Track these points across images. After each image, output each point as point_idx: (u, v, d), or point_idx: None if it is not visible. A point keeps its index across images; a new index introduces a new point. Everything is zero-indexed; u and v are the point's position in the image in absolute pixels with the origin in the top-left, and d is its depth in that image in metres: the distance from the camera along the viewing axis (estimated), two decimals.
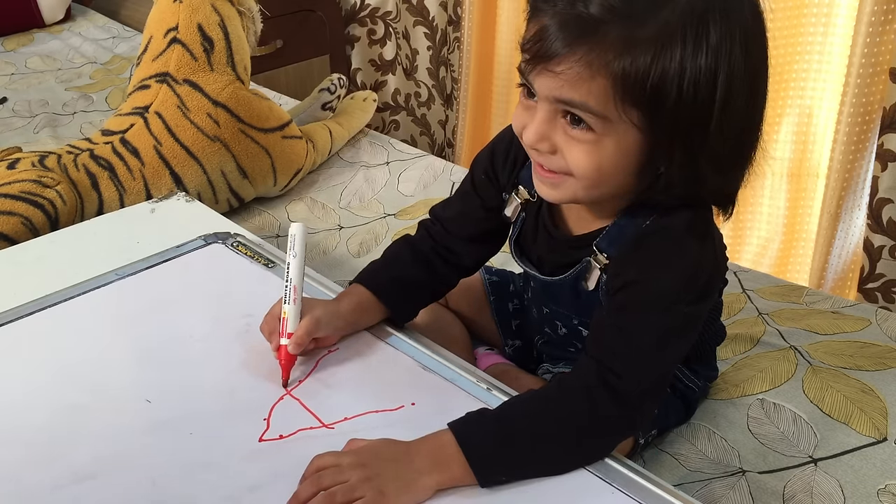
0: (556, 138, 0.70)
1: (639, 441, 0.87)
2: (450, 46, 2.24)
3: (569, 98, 0.67)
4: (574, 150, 0.70)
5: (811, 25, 1.64)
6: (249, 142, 1.41)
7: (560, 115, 0.70)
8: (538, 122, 0.71)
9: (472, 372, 0.80)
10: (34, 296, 0.90)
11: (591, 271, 0.78)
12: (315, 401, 0.76)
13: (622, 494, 0.67)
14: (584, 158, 0.69)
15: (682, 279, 0.73)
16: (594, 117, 0.67)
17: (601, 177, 0.71)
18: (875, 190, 1.56)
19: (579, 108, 0.68)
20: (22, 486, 0.68)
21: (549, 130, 0.70)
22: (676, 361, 0.79)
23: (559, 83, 0.67)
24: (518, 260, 0.88)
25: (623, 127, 0.68)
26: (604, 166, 0.70)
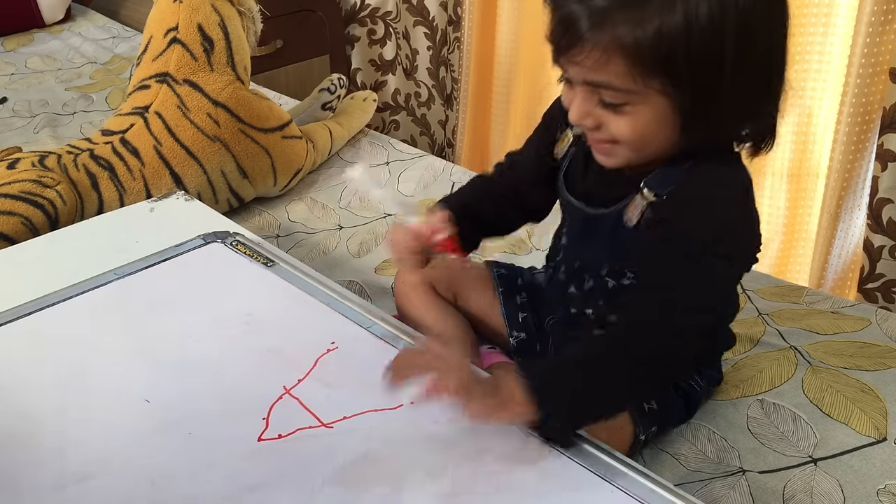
0: (596, 113, 0.77)
1: (639, 437, 0.87)
2: (450, 46, 2.24)
3: (594, 80, 0.74)
4: (613, 123, 0.77)
5: (811, 25, 1.64)
6: (249, 142, 1.41)
7: (595, 94, 0.76)
8: (578, 103, 0.78)
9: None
10: (34, 295, 0.90)
11: (635, 206, 0.83)
12: (314, 400, 0.76)
13: (622, 493, 0.67)
14: (624, 128, 0.76)
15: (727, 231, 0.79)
16: (622, 93, 0.74)
17: (645, 140, 0.77)
18: (875, 190, 1.56)
19: (605, 88, 0.74)
20: (22, 486, 0.68)
21: (590, 108, 0.77)
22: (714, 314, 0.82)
23: (582, 69, 0.74)
24: (565, 195, 0.91)
25: (650, 95, 0.74)
26: (644, 132, 0.76)
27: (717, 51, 0.72)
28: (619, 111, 0.75)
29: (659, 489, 0.67)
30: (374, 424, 0.74)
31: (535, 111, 2.08)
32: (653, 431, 0.89)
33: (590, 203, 0.88)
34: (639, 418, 0.87)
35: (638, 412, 0.87)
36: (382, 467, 0.69)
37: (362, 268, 1.29)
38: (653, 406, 0.88)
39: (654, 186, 0.81)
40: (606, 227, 0.86)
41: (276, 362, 0.80)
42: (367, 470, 0.69)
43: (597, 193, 0.87)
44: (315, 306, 0.89)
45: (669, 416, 0.91)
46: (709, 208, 0.79)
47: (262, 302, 0.89)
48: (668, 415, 0.91)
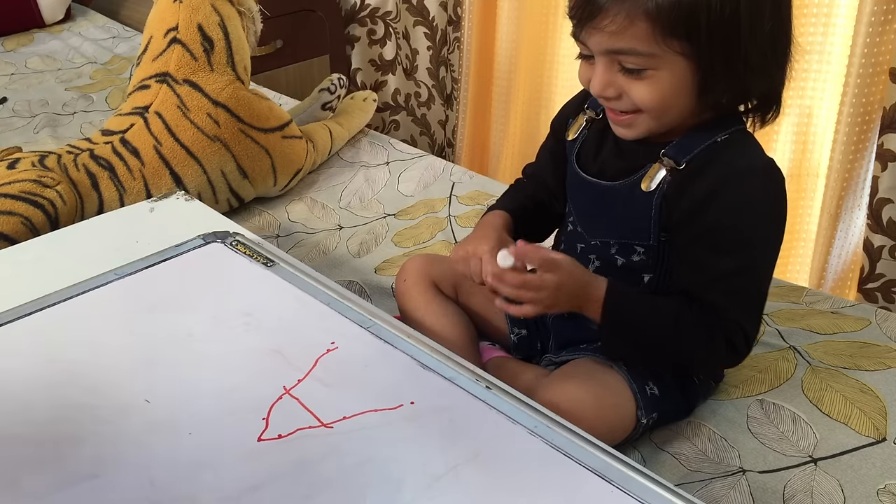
0: (618, 82, 0.81)
1: (641, 421, 0.88)
2: (450, 46, 2.24)
3: (617, 47, 0.78)
4: (636, 89, 0.80)
5: (811, 25, 1.64)
6: (249, 142, 1.41)
7: (616, 63, 0.80)
8: (599, 74, 0.81)
9: (472, 371, 0.80)
10: (34, 296, 0.90)
11: (653, 174, 0.86)
12: (314, 400, 0.76)
13: (622, 493, 0.67)
14: (646, 94, 0.80)
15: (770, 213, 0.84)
16: (643, 58, 0.78)
17: (666, 105, 0.81)
18: (875, 190, 1.56)
19: (628, 54, 0.78)
20: (21, 486, 0.68)
21: (611, 78, 0.81)
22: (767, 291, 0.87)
23: (605, 36, 0.78)
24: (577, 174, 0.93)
25: (671, 58, 0.78)
26: (665, 96, 0.80)
27: (734, 10, 0.75)
28: (641, 77, 0.79)
29: (659, 489, 0.67)
30: (374, 424, 0.74)
31: (535, 111, 2.08)
32: (653, 418, 0.89)
33: (604, 178, 0.91)
34: (642, 402, 0.87)
35: (641, 396, 0.88)
36: (382, 467, 0.69)
37: (362, 268, 1.29)
38: (654, 391, 0.89)
39: (674, 155, 0.84)
40: (621, 198, 0.88)
41: (276, 362, 0.80)
42: (367, 470, 0.69)
43: (612, 167, 0.90)
44: (315, 306, 0.89)
45: (669, 405, 0.91)
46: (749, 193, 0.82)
47: (262, 302, 0.89)
48: (668, 403, 0.91)
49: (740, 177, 0.83)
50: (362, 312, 0.88)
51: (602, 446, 0.71)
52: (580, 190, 0.93)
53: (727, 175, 0.82)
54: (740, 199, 0.82)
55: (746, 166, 0.83)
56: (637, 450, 0.91)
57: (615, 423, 0.86)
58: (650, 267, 0.89)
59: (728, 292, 0.83)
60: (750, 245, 0.83)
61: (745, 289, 0.84)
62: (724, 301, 0.83)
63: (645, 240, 0.87)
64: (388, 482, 0.68)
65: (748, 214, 0.83)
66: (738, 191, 0.82)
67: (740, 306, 0.84)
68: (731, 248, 0.83)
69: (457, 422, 0.74)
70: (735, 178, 0.82)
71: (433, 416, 0.74)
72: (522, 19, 2.02)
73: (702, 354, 0.86)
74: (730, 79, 0.79)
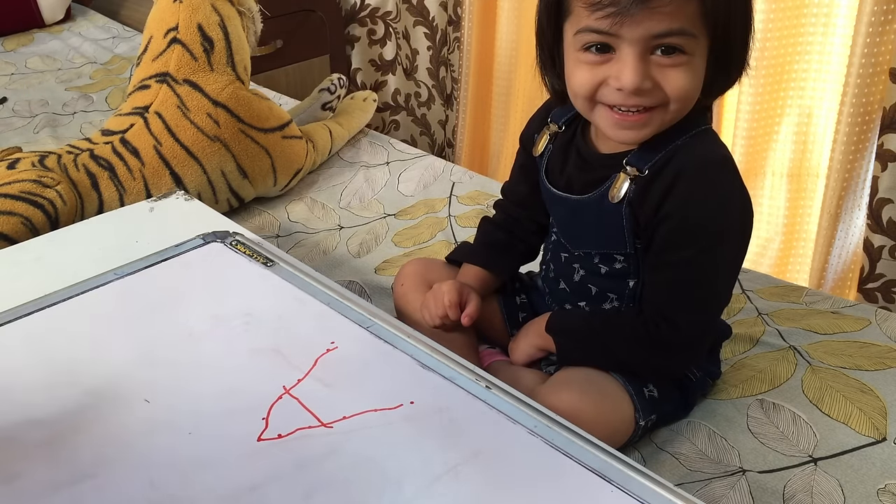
0: (652, 73, 0.78)
1: (639, 423, 0.88)
2: (450, 46, 2.24)
3: (668, 29, 0.75)
4: (672, 77, 0.77)
5: (811, 25, 1.64)
6: (249, 142, 1.41)
7: (649, 52, 0.77)
8: (634, 65, 0.77)
9: (472, 370, 0.80)
10: (33, 296, 0.90)
11: (619, 182, 0.85)
12: (314, 400, 0.76)
13: (622, 493, 0.67)
14: (683, 81, 0.78)
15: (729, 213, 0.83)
16: (689, 38, 0.76)
17: (693, 96, 0.80)
18: (875, 190, 1.56)
19: (678, 35, 0.76)
20: (21, 486, 0.68)
21: (646, 69, 0.77)
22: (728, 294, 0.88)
23: (658, 18, 0.74)
24: (548, 189, 0.93)
25: (703, 42, 0.77)
26: (696, 84, 0.79)
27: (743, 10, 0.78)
28: (677, 64, 0.77)
29: (659, 489, 0.67)
30: (374, 424, 0.74)
31: (535, 111, 2.08)
32: (652, 419, 0.89)
33: (573, 192, 0.90)
34: (639, 404, 0.87)
35: (639, 399, 0.88)
36: (382, 467, 0.69)
37: (362, 268, 1.29)
38: (653, 393, 0.89)
39: (636, 163, 0.84)
40: (592, 211, 0.88)
41: (275, 362, 0.80)
42: (367, 470, 0.69)
43: (578, 180, 0.90)
44: (315, 306, 0.89)
45: (667, 406, 0.91)
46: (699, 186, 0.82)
47: (261, 302, 0.89)
48: (666, 404, 0.91)
49: (692, 171, 0.82)
50: (362, 312, 0.88)
51: (602, 446, 0.71)
52: (555, 203, 0.94)
53: (679, 171, 0.82)
54: (690, 193, 0.82)
55: (698, 161, 0.82)
56: (637, 450, 0.91)
57: (614, 429, 0.86)
58: (633, 273, 0.89)
59: (661, 283, 0.85)
60: (696, 237, 0.82)
61: (683, 280, 0.83)
62: (652, 292, 0.85)
63: (622, 248, 0.88)
64: (388, 482, 0.68)
65: (696, 207, 0.82)
66: (688, 184, 0.81)
67: (671, 296, 0.84)
68: (677, 239, 0.82)
69: (457, 422, 0.74)
70: (686, 173, 0.82)
71: (433, 415, 0.74)
72: (522, 19, 2.02)
73: (637, 349, 0.87)
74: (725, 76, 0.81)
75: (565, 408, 0.81)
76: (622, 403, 0.88)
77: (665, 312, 0.84)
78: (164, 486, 0.68)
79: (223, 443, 0.72)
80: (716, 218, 0.82)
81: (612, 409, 0.87)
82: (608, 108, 0.81)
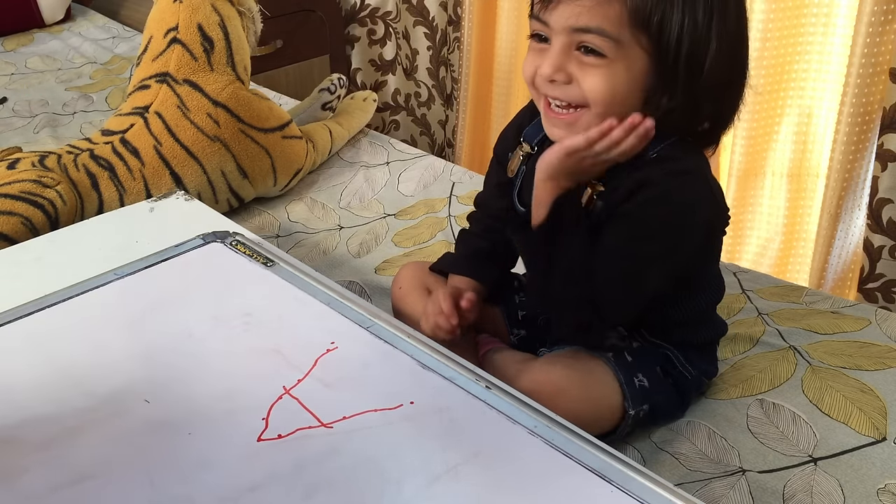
0: (570, 68, 0.78)
1: (629, 412, 0.88)
2: (450, 46, 2.24)
3: (586, 25, 0.75)
4: (589, 77, 0.77)
5: (811, 25, 1.64)
6: (249, 142, 1.41)
7: (573, 47, 0.77)
8: (553, 54, 0.78)
9: (472, 370, 0.80)
10: (34, 296, 0.90)
11: (589, 203, 0.84)
12: (314, 400, 0.76)
13: (621, 493, 0.67)
14: (599, 83, 0.77)
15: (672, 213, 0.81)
16: (608, 41, 0.75)
17: (614, 102, 0.78)
18: (875, 190, 1.56)
19: (595, 34, 0.75)
20: (21, 486, 0.68)
21: (565, 61, 0.78)
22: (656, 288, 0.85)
23: (577, 11, 0.75)
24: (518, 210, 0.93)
25: (633, 51, 0.76)
26: (617, 90, 0.77)
27: (707, 30, 0.75)
28: (597, 65, 0.76)
29: (658, 489, 0.67)
30: (374, 424, 0.74)
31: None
32: (644, 409, 0.89)
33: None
34: (629, 392, 0.88)
35: (629, 387, 0.88)
36: (382, 467, 0.69)
37: (362, 268, 1.29)
38: (643, 383, 0.89)
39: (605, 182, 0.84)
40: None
41: (275, 362, 0.80)
42: (367, 470, 0.69)
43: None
44: (315, 306, 0.89)
45: (659, 397, 0.91)
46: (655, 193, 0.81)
47: (261, 302, 0.89)
48: (659, 396, 0.91)
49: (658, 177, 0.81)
50: (362, 312, 0.88)
51: (602, 446, 0.71)
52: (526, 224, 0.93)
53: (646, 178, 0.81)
54: (649, 195, 0.81)
55: (667, 169, 0.82)
56: (637, 450, 0.91)
57: (600, 412, 0.86)
58: None
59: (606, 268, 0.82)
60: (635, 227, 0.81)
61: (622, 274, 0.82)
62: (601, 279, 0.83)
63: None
64: (388, 482, 0.68)
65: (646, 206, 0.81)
66: (651, 188, 0.81)
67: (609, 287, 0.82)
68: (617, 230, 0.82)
69: (457, 422, 0.74)
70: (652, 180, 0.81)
71: (433, 415, 0.74)
72: (522, 19, 2.02)
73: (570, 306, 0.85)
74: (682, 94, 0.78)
75: (549, 384, 0.82)
76: (609, 388, 0.88)
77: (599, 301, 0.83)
78: (164, 486, 0.68)
79: (223, 443, 0.72)
80: (660, 215, 0.81)
81: (599, 390, 0.87)
82: (546, 104, 0.82)
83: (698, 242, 0.85)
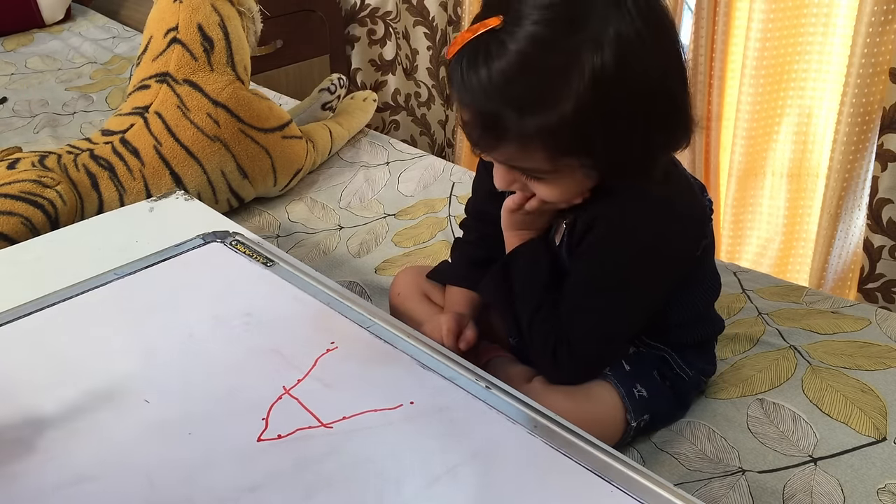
0: (520, 180, 0.82)
1: (630, 424, 0.88)
2: None
3: (517, 166, 0.80)
4: (539, 189, 0.82)
5: (811, 25, 1.64)
6: (249, 142, 1.41)
7: (515, 169, 0.81)
8: (501, 174, 0.83)
9: (472, 370, 0.80)
10: (33, 296, 0.90)
11: (559, 226, 0.89)
12: (314, 400, 0.76)
13: (621, 493, 0.67)
14: (549, 193, 0.82)
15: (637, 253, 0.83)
16: (544, 172, 0.79)
17: (570, 198, 0.83)
18: (875, 190, 1.56)
19: (530, 172, 0.80)
20: (21, 486, 0.68)
21: (513, 177, 0.82)
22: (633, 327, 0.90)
23: (505, 158, 0.79)
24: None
25: (570, 169, 0.79)
26: (567, 194, 0.82)
27: (627, 108, 0.74)
28: (542, 181, 0.80)
29: (658, 489, 0.67)
30: (374, 424, 0.74)
31: None
32: (645, 419, 0.89)
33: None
34: (630, 405, 0.88)
35: (629, 399, 0.88)
36: (382, 467, 0.69)
37: (362, 268, 1.29)
38: (643, 393, 0.89)
39: (571, 211, 0.87)
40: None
41: (275, 362, 0.80)
42: (366, 470, 0.69)
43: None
44: (315, 306, 0.89)
45: (659, 405, 0.91)
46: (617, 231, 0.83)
47: (261, 302, 0.89)
48: (659, 403, 0.91)
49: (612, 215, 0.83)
50: (362, 312, 0.88)
51: (602, 446, 0.71)
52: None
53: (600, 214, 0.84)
54: (603, 236, 0.84)
55: (621, 205, 0.83)
56: (637, 450, 0.91)
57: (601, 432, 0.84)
58: None
59: (573, 309, 0.86)
60: (608, 272, 0.85)
61: (591, 310, 0.86)
62: (566, 316, 0.86)
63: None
64: (388, 482, 0.68)
65: (611, 242, 0.84)
66: (603, 227, 0.84)
67: (572, 323, 0.86)
68: (584, 274, 0.86)
69: (456, 422, 0.74)
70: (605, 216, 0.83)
71: (433, 415, 0.74)
72: None
73: (538, 349, 0.89)
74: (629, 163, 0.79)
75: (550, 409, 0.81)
76: (611, 404, 0.88)
77: (568, 337, 0.86)
78: (164, 487, 0.68)
79: (223, 443, 0.72)
80: (620, 265, 0.84)
81: (600, 410, 0.88)
82: None
83: (662, 266, 0.86)
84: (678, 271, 0.88)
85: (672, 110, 0.78)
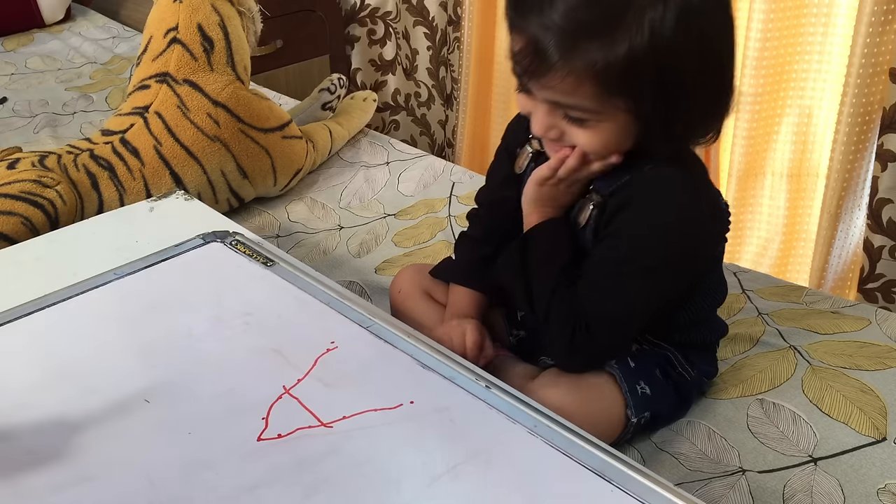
0: (560, 125, 0.81)
1: (631, 420, 0.88)
2: (450, 46, 2.24)
3: (563, 102, 0.79)
4: (578, 135, 0.81)
5: (811, 25, 1.64)
6: (249, 142, 1.41)
7: (559, 110, 0.80)
8: (541, 116, 0.81)
9: (472, 370, 0.80)
10: (33, 296, 0.90)
11: (584, 207, 0.88)
12: (314, 400, 0.76)
13: (621, 493, 0.67)
14: (588, 140, 0.81)
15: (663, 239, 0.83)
16: (588, 112, 0.78)
17: (608, 151, 0.82)
18: (875, 190, 1.56)
19: (574, 109, 0.79)
20: (21, 486, 0.68)
21: (553, 121, 0.81)
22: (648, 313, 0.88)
23: (552, 92, 0.78)
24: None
25: (615, 112, 0.78)
26: (607, 143, 0.81)
27: (680, 67, 0.75)
28: (583, 125, 0.79)
29: (658, 488, 0.67)
30: (374, 424, 0.74)
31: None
32: (645, 417, 0.89)
33: None
34: (632, 401, 0.88)
35: (631, 395, 0.88)
36: (382, 467, 0.69)
37: (362, 268, 1.29)
38: (645, 390, 0.89)
39: (601, 188, 0.86)
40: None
41: (275, 362, 0.80)
42: (367, 470, 0.69)
43: None
44: (315, 306, 0.89)
45: (661, 403, 0.91)
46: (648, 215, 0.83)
47: (261, 302, 0.89)
48: (661, 402, 0.91)
49: (641, 196, 0.83)
50: (362, 312, 0.88)
51: (602, 446, 0.71)
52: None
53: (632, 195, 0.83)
54: (633, 217, 0.83)
55: (651, 187, 0.83)
56: (637, 450, 0.91)
57: (602, 427, 0.85)
58: None
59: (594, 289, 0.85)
60: (624, 261, 0.84)
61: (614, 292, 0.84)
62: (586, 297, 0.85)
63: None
64: (388, 482, 0.68)
65: (640, 226, 0.83)
66: (634, 210, 0.83)
67: (597, 306, 0.84)
68: (616, 254, 0.84)
69: (457, 421, 0.74)
70: (636, 198, 0.83)
71: (433, 415, 0.74)
72: None
73: (555, 331, 0.87)
74: (670, 127, 0.79)
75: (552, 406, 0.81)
76: (612, 402, 0.88)
77: (586, 320, 0.85)
78: (164, 486, 0.68)
79: (223, 443, 0.72)
80: (648, 249, 0.83)
81: (602, 406, 0.87)
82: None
83: (689, 256, 0.85)
84: (700, 265, 0.88)
85: (719, 79, 0.80)
